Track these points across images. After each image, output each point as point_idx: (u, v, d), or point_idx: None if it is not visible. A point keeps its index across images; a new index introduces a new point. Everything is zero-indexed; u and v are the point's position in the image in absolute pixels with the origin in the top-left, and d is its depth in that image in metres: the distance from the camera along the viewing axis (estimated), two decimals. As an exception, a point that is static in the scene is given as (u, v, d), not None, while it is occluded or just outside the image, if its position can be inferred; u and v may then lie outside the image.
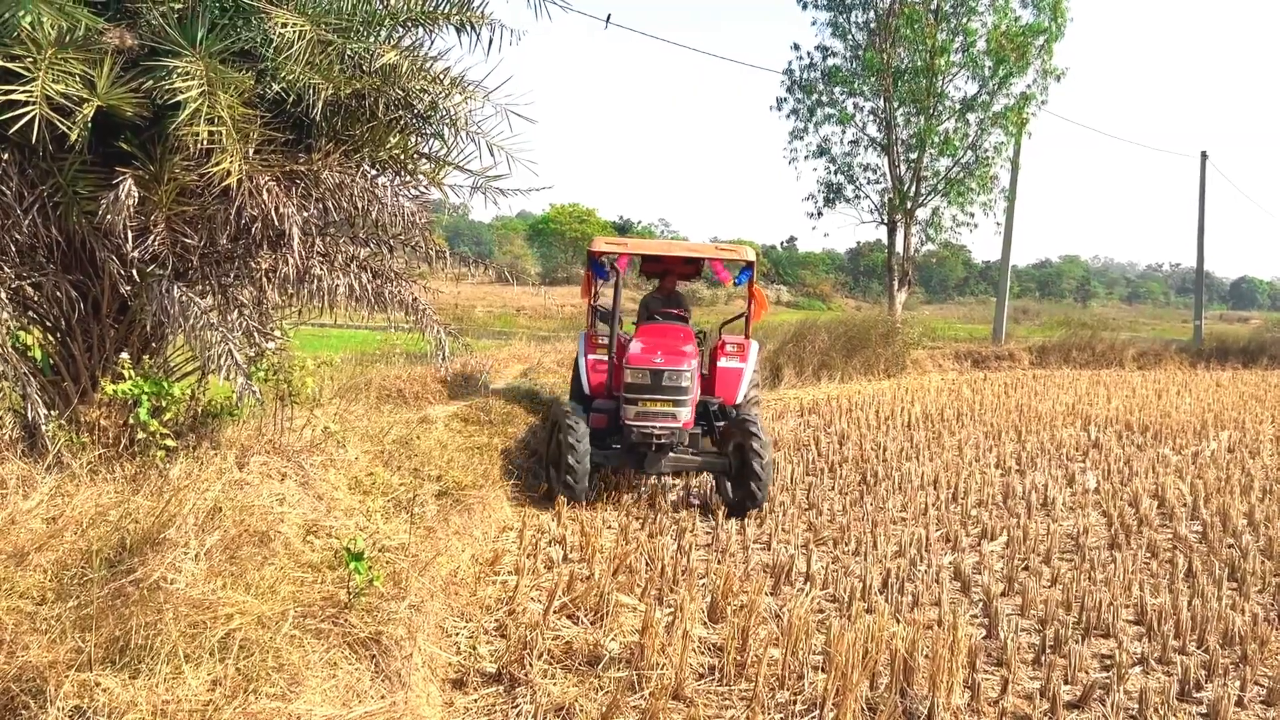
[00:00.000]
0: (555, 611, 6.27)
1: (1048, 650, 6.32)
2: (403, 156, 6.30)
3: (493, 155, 6.26)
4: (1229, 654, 6.37)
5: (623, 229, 71.40)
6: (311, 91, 5.65)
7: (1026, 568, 8.16)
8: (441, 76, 6.19)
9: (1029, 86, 26.59)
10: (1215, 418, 16.92)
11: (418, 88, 6.00)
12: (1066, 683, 5.84)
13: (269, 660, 4.02)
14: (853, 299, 62.50)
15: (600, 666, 5.53)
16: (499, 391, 12.03)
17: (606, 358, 10.28)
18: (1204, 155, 37.67)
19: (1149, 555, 8.69)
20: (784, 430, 14.20)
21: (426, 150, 6.50)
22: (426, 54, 6.43)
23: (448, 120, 6.28)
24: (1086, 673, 5.98)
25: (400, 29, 6.38)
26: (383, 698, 4.34)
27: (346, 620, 4.67)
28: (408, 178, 6.34)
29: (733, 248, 11.18)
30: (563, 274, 63.94)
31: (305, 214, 5.97)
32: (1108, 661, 6.22)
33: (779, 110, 28.51)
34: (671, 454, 9.40)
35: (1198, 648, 6.52)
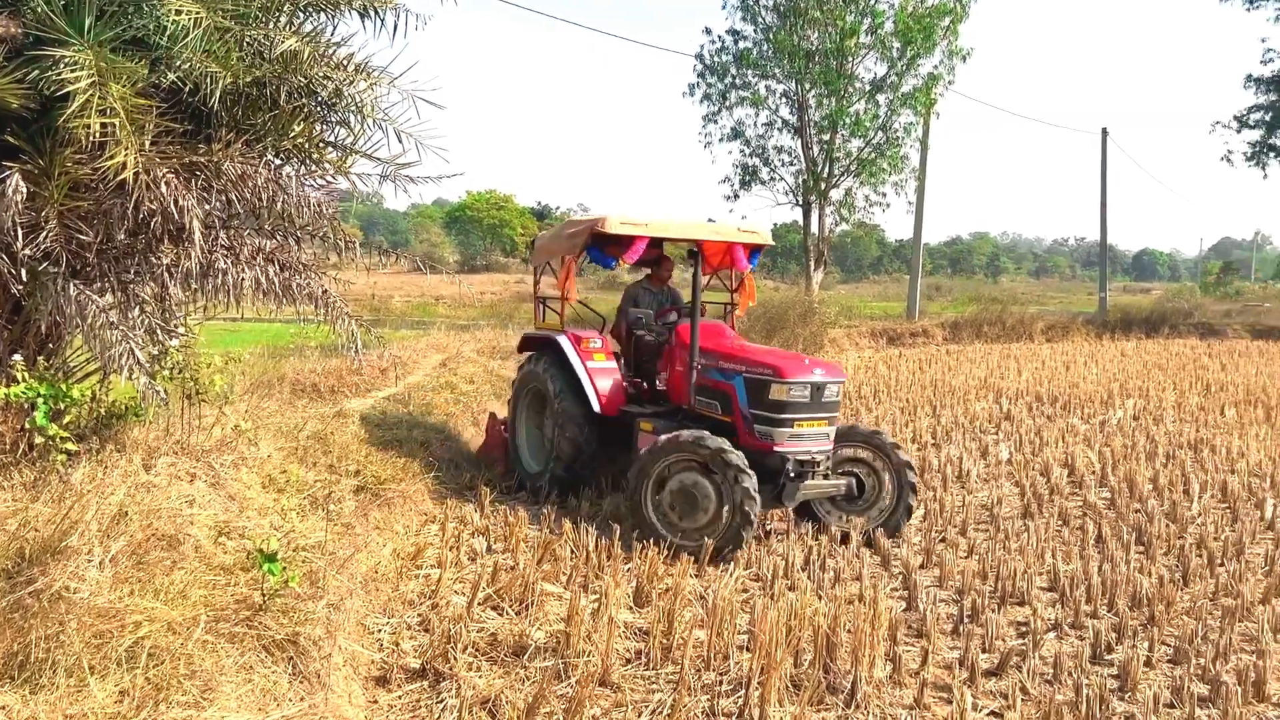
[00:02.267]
0: (480, 603, 6.21)
1: (966, 620, 6.46)
2: (307, 145, 6.15)
3: (401, 142, 6.15)
4: (1137, 616, 6.57)
5: (541, 214, 71.04)
6: (209, 80, 5.48)
7: (944, 540, 8.33)
8: (345, 63, 6.05)
9: (936, 67, 27.07)
10: (1120, 387, 17.46)
11: (321, 75, 5.86)
12: (984, 651, 5.97)
13: (180, 668, 3.90)
14: (771, 280, 62.94)
15: (526, 656, 5.49)
16: (417, 383, 11.87)
17: (611, 365, 9.02)
18: (1105, 132, 38.77)
19: (1060, 523, 8.94)
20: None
21: (332, 138, 6.36)
22: (329, 40, 6.29)
23: (354, 107, 6.14)
24: (1003, 640, 6.12)
25: (301, 14, 6.22)
26: (302, 700, 4.25)
27: (262, 622, 4.56)
28: (313, 167, 6.19)
29: (753, 229, 9.80)
30: (481, 261, 63.44)
31: (207, 207, 5.79)
32: (1023, 628, 6.38)
33: (693, 95, 28.57)
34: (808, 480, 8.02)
35: (1108, 611, 6.71)
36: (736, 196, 29.11)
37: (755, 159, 28.67)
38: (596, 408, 8.79)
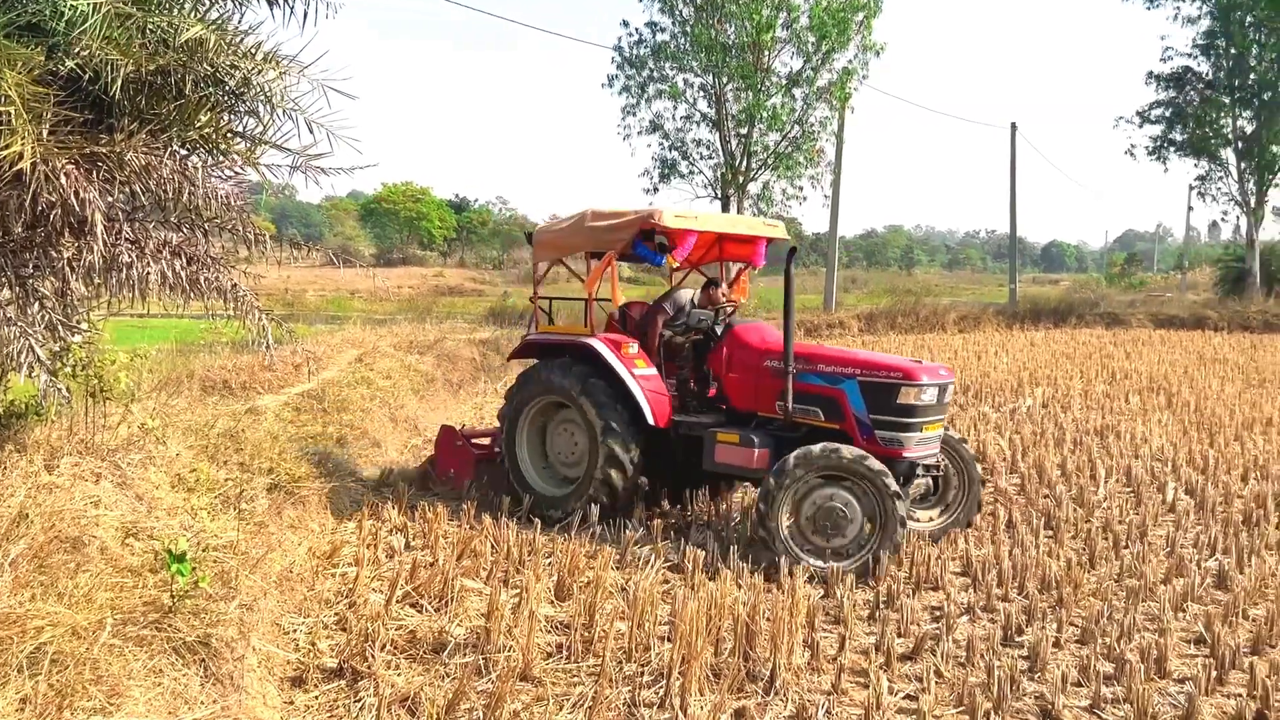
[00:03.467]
0: (398, 601, 6.14)
1: (882, 605, 6.58)
2: (215, 136, 5.96)
3: (312, 133, 5.98)
4: (1047, 598, 6.76)
5: (459, 207, 70.33)
6: (110, 68, 5.28)
7: (861, 527, 8.45)
8: (253, 51, 5.88)
9: (851, 62, 27.44)
10: (1030, 375, 17.94)
11: (228, 63, 5.68)
12: (900, 636, 6.09)
13: (85, 673, 3.78)
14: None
15: (446, 653, 5.45)
16: (332, 379, 11.68)
17: (653, 372, 8.34)
18: (1014, 126, 39.70)
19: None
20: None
21: (241, 129, 6.17)
22: (237, 28, 6.11)
23: (263, 97, 5.96)
24: (918, 625, 6.25)
25: (206, 1, 6.04)
26: (214, 702, 4.16)
27: (172, 625, 4.44)
28: (221, 158, 6.01)
29: (774, 223, 9.38)
30: (399, 255, 62.64)
31: (110, 199, 5.59)
32: (937, 613, 6.52)
33: (611, 87, 28.55)
34: None
35: (1019, 594, 6.89)
36: (656, 189, 29.22)
37: (674, 152, 28.79)
38: (650, 420, 8.11)
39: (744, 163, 28.10)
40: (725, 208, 28.71)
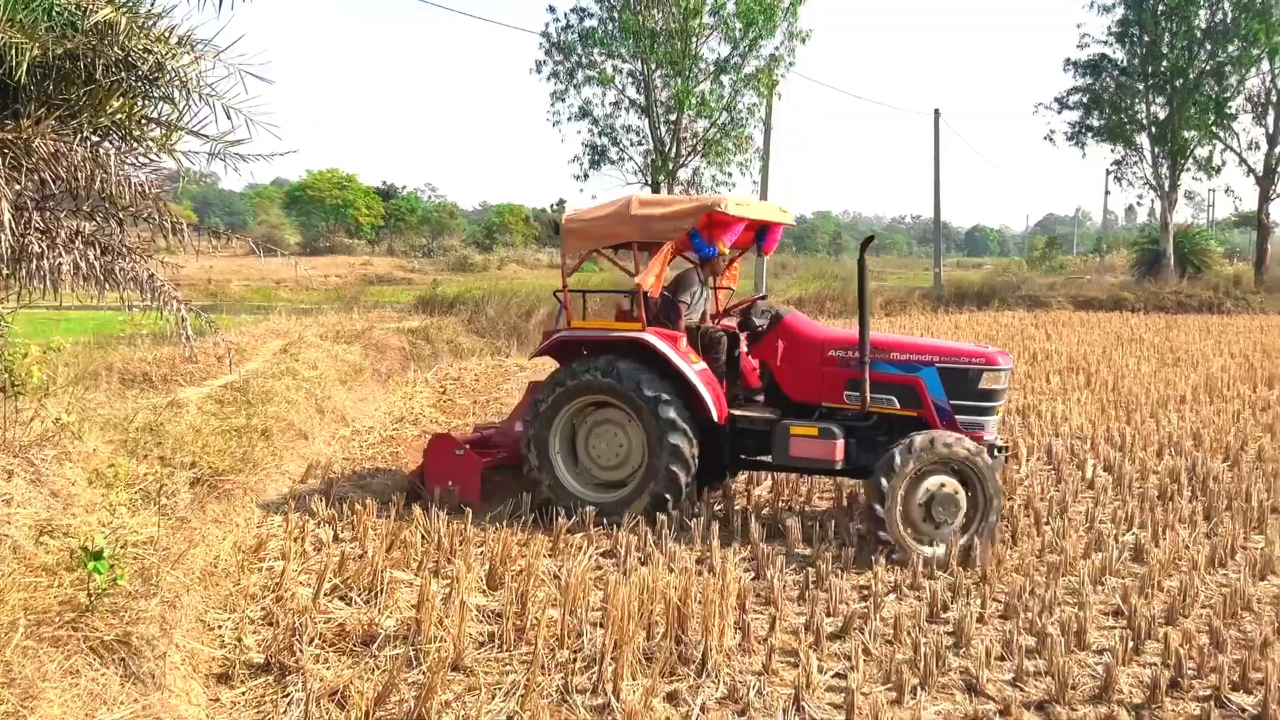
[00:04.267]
0: (327, 594, 6.06)
1: (811, 586, 6.66)
2: (128, 122, 5.80)
3: (230, 119, 5.86)
4: (971, 575, 6.90)
5: (387, 194, 69.38)
6: (15, 52, 5.11)
7: (790, 509, 8.55)
8: (167, 35, 5.74)
9: (777, 48, 27.57)
10: (955, 358, 18.21)
11: (140, 47, 5.53)
12: (829, 615, 6.17)
13: (-2, 676, 3.67)
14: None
15: (376, 645, 5.40)
16: (257, 370, 11.46)
17: (704, 366, 8.13)
18: (937, 113, 40.29)
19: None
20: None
21: (156, 115, 6.02)
22: (149, 11, 5.95)
23: (177, 82, 5.82)
24: (847, 604, 6.34)
25: (117, -18, 5.86)
26: (135, 701, 4.06)
27: (89, 624, 4.33)
28: (135, 145, 5.86)
29: (784, 209, 9.24)
30: (325, 243, 61.63)
31: (17, 187, 5.42)
32: (865, 592, 6.61)
33: (539, 73, 28.36)
34: None
35: (944, 572, 7.02)
36: (586, 176, 29.10)
37: (604, 138, 28.69)
38: (714, 415, 7.93)
39: (674, 149, 28.13)
40: (656, 193, 28.74)
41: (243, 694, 4.95)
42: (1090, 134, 38.36)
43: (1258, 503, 8.64)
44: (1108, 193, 60.38)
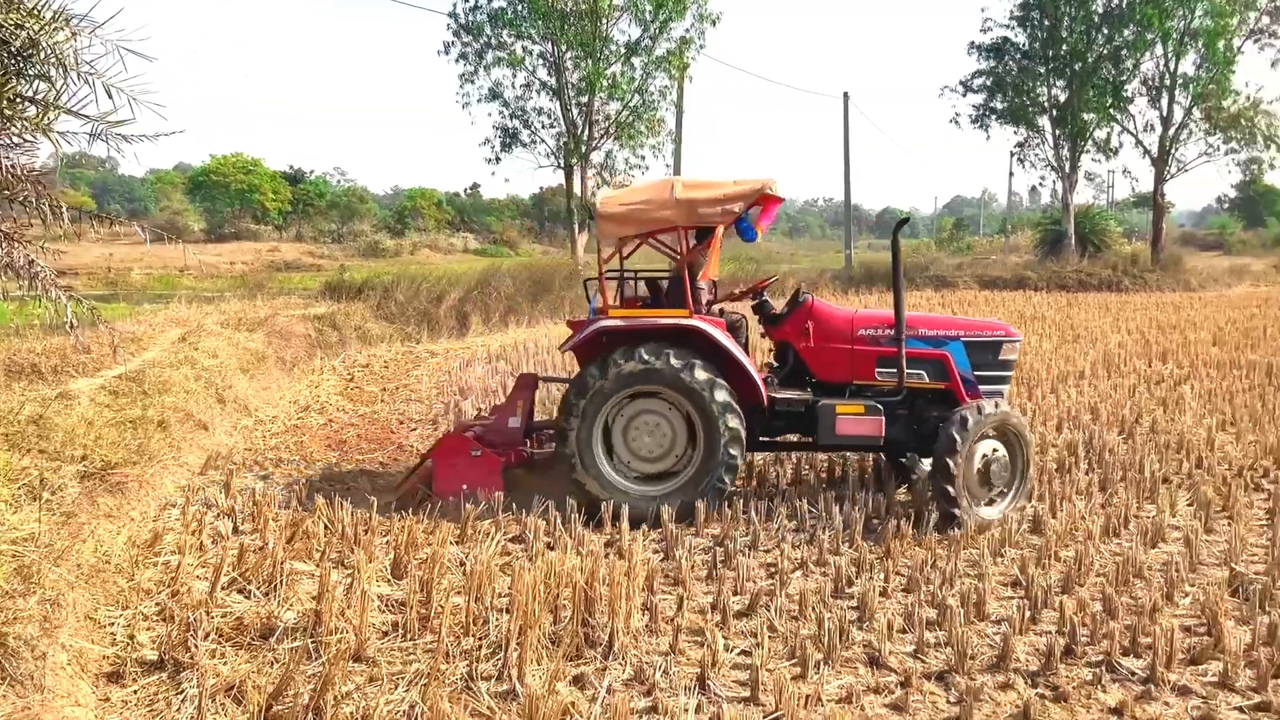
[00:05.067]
0: (224, 587, 5.89)
1: (719, 565, 6.69)
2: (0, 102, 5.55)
3: (111, 98, 5.64)
4: (875, 551, 7.00)
5: (294, 179, 67.84)
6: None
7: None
8: (40, 10, 5.48)
9: (688, 31, 27.67)
10: (864, 337, 18.48)
11: (11, 23, 5.28)
12: (736, 594, 6.21)
13: None
14: (540, 244, 62.96)
15: (274, 638, 5.27)
16: (154, 359, 11.10)
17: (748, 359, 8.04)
18: (846, 96, 40.84)
19: (808, 467, 9.39)
20: (472, 377, 14.10)
21: (31, 94, 5.75)
22: (22, -17, 5.68)
23: (54, 59, 5.57)
24: (754, 582, 6.38)
25: (-15, -46, 5.58)
26: (10, 704, 3.89)
27: (-38, 627, 4.14)
28: (7, 124, 5.59)
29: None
30: (230, 229, 60.07)
31: (-120, 169, 5.14)
32: (772, 569, 6.67)
33: (448, 54, 27.97)
34: None
35: (849, 547, 7.12)
36: (498, 159, 28.94)
37: (515, 121, 28.51)
38: (763, 397, 7.97)
39: (586, 132, 28.03)
40: (569, 177, 28.62)
41: (134, 693, 4.79)
42: (994, 116, 39.24)
43: (1149, 473, 8.93)
44: (1011, 174, 62.00)
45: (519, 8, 26.98)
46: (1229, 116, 36.37)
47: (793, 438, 8.50)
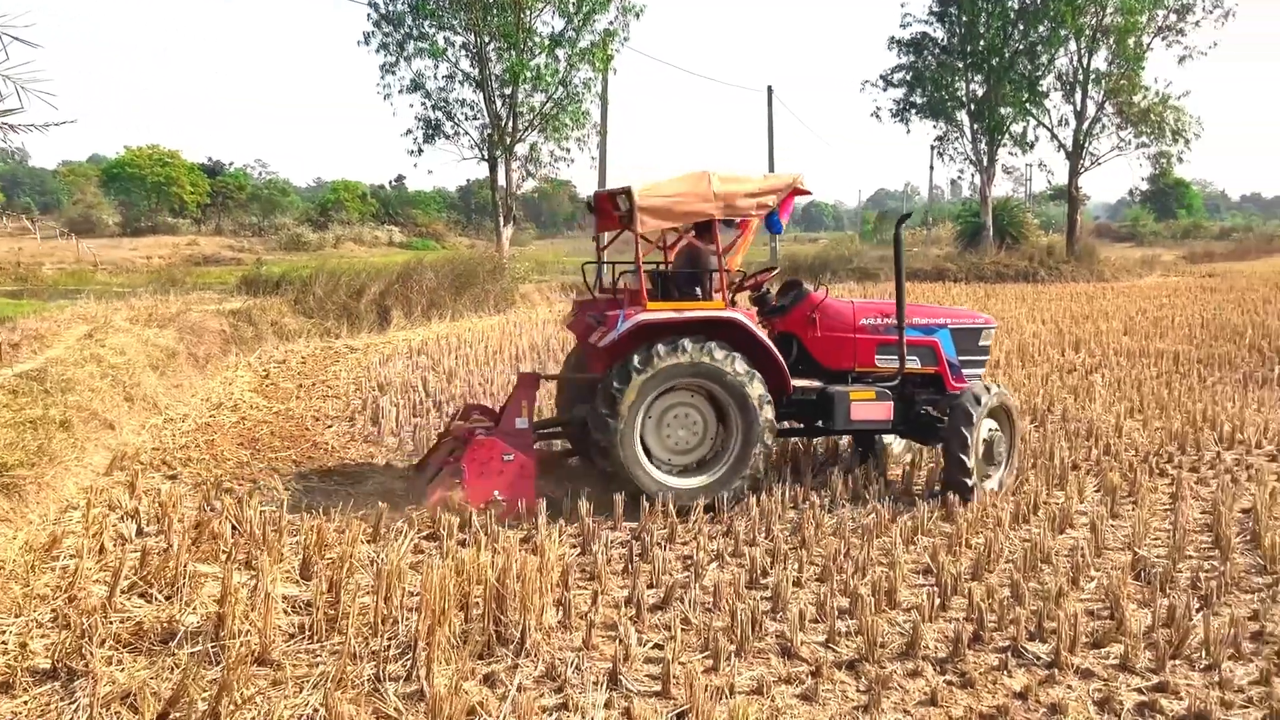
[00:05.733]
0: (124, 591, 5.71)
1: (636, 559, 6.67)
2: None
3: (-2, 87, 5.40)
4: (790, 542, 7.04)
5: (213, 171, 66.31)
6: None
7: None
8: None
9: (611, 23, 27.58)
10: (787, 329, 18.64)
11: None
12: (651, 587, 6.20)
13: None
14: (466, 237, 62.34)
15: (175, 643, 5.12)
16: (58, 357, 10.74)
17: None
18: (770, 90, 41.16)
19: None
20: (392, 373, 13.91)
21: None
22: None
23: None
24: (670, 575, 6.37)
25: None
26: (-115, 722, 3.72)
27: None
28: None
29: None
30: (147, 223, 58.47)
31: None
32: (689, 562, 6.67)
33: (368, 44, 27.52)
34: None
35: (765, 538, 7.15)
36: (421, 151, 28.51)
37: (438, 112, 28.12)
38: (789, 387, 8.20)
39: (510, 124, 27.79)
40: (493, 169, 28.35)
41: (25, 703, 4.61)
42: (914, 111, 39.80)
43: (1059, 461, 9.13)
44: (932, 168, 63.08)
45: (441, -2, 26.68)
46: (1139, 111, 37.38)
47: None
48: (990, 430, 8.39)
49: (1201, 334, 18.20)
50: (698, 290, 8.22)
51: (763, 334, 8.03)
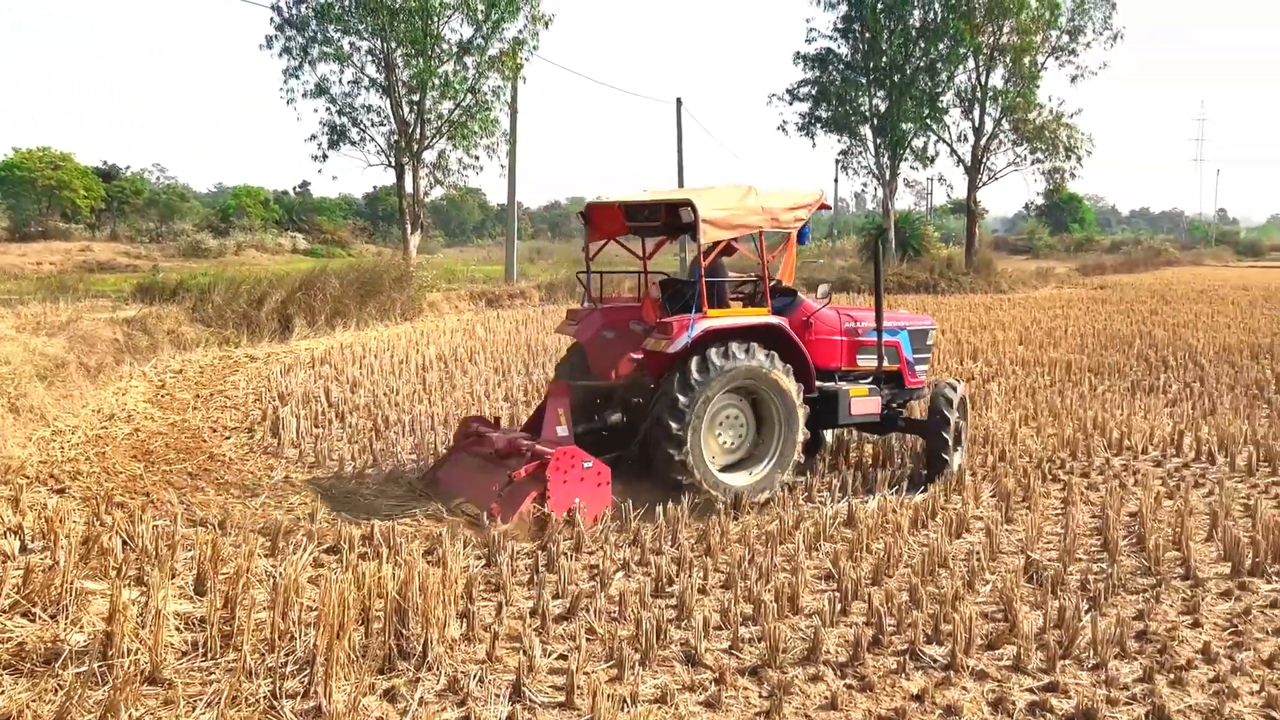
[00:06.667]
0: (5, 611, 5.47)
1: (541, 569, 6.64)
2: None
3: None
4: (697, 549, 7.09)
5: (108, 175, 64.18)
6: None
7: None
8: None
9: (521, 32, 27.50)
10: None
11: None
12: (557, 597, 6.17)
13: None
14: (373, 244, 61.34)
15: (59, 664, 4.92)
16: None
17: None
18: (679, 101, 41.46)
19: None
20: (293, 383, 13.62)
21: None
22: None
23: None
24: (576, 585, 6.36)
25: None
26: None
27: None
28: None
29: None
30: (38, 227, 56.29)
31: None
32: (595, 571, 6.66)
33: (270, 48, 26.95)
34: None
35: (671, 546, 7.18)
36: (325, 156, 27.95)
37: (343, 118, 27.65)
38: (814, 386, 8.86)
39: (418, 130, 27.49)
40: (400, 176, 28.01)
41: (-105, 731, 4.39)
42: (819, 125, 40.43)
43: (957, 466, 9.36)
44: (836, 181, 63.94)
45: (346, 2, 26.23)
46: (1034, 128, 38.60)
47: None
48: (957, 420, 9.36)
49: (1092, 344, 18.87)
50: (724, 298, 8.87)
51: (799, 339, 8.64)
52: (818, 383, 8.90)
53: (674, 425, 7.89)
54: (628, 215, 9.08)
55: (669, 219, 8.93)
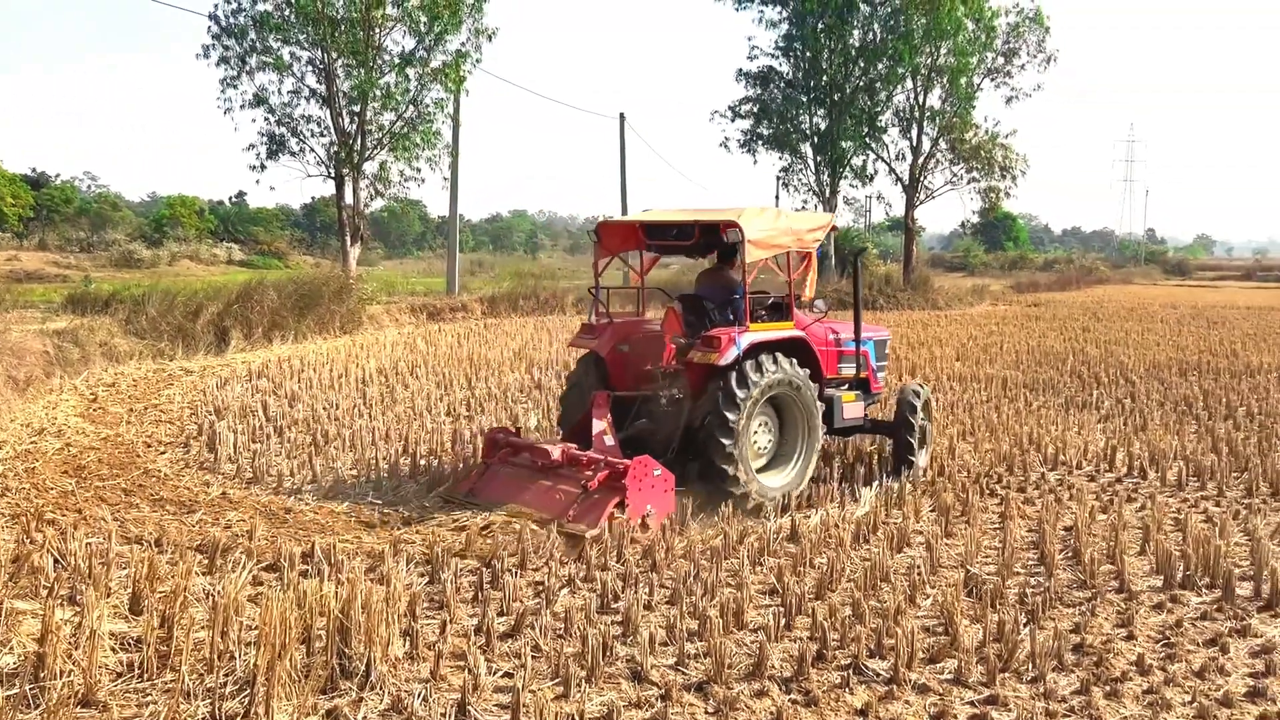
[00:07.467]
0: (-71, 634, 5.30)
1: (486, 586, 6.59)
2: None
3: None
4: (642, 565, 7.09)
5: (37, 183, 62.65)
6: None
7: (469, 509, 8.44)
8: None
9: (464, 44, 27.38)
10: (638, 353, 18.80)
11: None
12: (502, 615, 6.13)
13: None
14: (311, 256, 60.57)
15: (-13, 688, 4.78)
16: None
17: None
18: (622, 117, 41.54)
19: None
20: (230, 397, 13.39)
21: None
22: None
23: None
24: (521, 601, 6.32)
25: None
26: None
27: None
28: None
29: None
30: (-38, 238, 54.69)
31: None
32: (540, 588, 6.63)
33: (207, 58, 26.50)
34: None
35: (617, 562, 7.18)
36: (263, 167, 27.51)
37: (282, 128, 27.27)
38: (824, 393, 9.62)
39: (359, 142, 27.23)
40: (340, 187, 27.70)
41: None
42: (760, 142, 40.78)
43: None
44: (778, 198, 64.50)
45: (286, 12, 25.91)
46: (970, 148, 39.37)
47: None
48: (921, 421, 10.12)
49: (1027, 360, 19.25)
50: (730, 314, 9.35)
51: (819, 349, 9.51)
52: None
53: (726, 438, 8.39)
54: (649, 234, 9.58)
55: (703, 238, 9.19)
